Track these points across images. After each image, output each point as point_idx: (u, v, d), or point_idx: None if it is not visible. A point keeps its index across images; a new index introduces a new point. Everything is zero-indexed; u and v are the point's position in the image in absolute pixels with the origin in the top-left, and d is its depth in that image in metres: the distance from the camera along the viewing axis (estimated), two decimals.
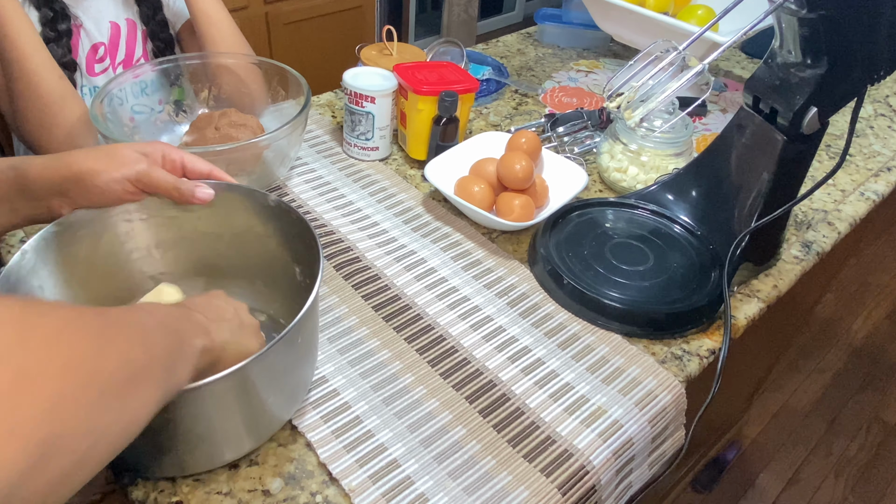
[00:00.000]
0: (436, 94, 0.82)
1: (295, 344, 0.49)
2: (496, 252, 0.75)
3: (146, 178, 0.53)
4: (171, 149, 0.56)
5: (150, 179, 0.53)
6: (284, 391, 0.52)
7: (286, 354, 0.49)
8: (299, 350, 0.51)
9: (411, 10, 2.90)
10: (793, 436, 1.70)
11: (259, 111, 0.89)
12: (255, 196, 0.59)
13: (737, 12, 0.65)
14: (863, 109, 1.12)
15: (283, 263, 0.60)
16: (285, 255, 0.59)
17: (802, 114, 0.62)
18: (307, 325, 0.50)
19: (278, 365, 0.48)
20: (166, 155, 0.55)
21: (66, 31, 0.87)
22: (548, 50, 1.25)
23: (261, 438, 0.53)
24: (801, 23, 0.58)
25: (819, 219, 0.85)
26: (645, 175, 0.83)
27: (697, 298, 0.67)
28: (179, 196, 0.55)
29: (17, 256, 0.49)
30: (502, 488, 0.52)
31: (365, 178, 0.86)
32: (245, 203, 0.59)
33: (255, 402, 0.49)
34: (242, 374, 0.43)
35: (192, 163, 0.57)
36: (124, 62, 0.96)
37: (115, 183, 0.52)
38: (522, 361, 0.63)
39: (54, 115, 0.81)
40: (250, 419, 0.50)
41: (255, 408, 0.49)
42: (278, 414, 0.53)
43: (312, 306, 0.48)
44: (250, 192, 0.59)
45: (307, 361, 0.55)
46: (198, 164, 0.57)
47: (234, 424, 0.49)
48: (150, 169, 0.53)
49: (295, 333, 0.46)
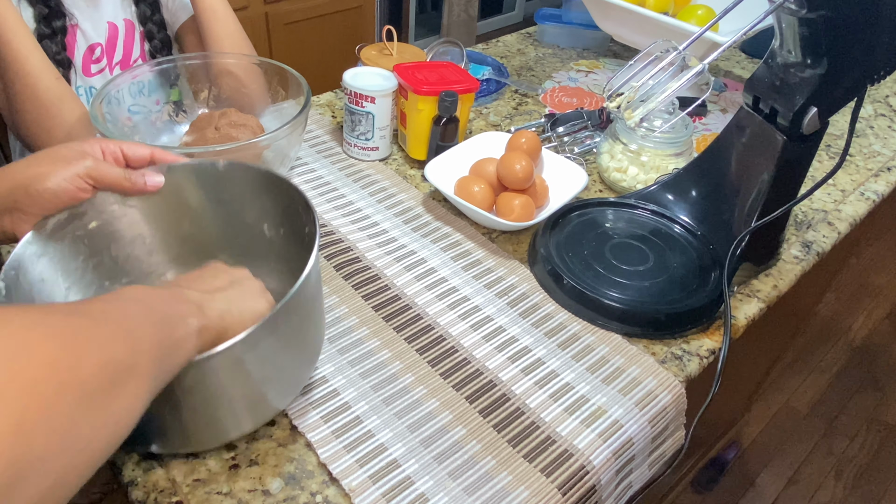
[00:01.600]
0: (436, 94, 0.82)
1: (303, 302, 0.49)
2: (496, 252, 0.75)
3: (95, 172, 0.52)
4: (106, 141, 0.55)
5: (99, 174, 0.52)
6: (300, 354, 0.52)
7: (295, 314, 0.48)
8: (308, 308, 0.51)
9: (411, 10, 2.90)
10: (793, 436, 1.70)
11: (259, 111, 0.89)
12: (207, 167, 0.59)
13: (737, 12, 0.65)
14: (863, 109, 1.12)
15: (255, 223, 0.61)
16: (256, 214, 0.60)
17: (802, 114, 0.62)
18: (311, 278, 0.49)
19: (288, 326, 0.48)
20: (104, 148, 0.54)
21: (60, 28, 0.87)
22: (548, 50, 1.25)
23: (268, 413, 0.53)
24: (801, 23, 0.58)
25: (819, 219, 0.85)
26: (645, 175, 0.83)
27: (697, 298, 0.67)
28: (131, 186, 0.54)
29: (20, 246, 0.50)
30: (502, 488, 0.52)
31: (365, 178, 0.86)
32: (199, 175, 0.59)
33: (270, 367, 0.48)
34: (252, 339, 0.43)
35: (131, 150, 0.56)
36: (121, 63, 0.96)
37: (67, 182, 0.51)
38: (522, 361, 0.63)
39: (52, 116, 0.81)
40: (265, 385, 0.50)
41: (269, 374, 0.49)
42: (293, 379, 0.53)
43: (315, 263, 0.48)
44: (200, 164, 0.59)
45: (316, 324, 0.54)
46: (138, 151, 0.56)
47: (250, 390, 0.48)
48: (96, 164, 0.52)
49: (304, 288, 0.46)
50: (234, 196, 0.60)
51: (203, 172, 0.59)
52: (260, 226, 0.61)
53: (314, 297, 0.53)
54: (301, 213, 0.55)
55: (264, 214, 0.60)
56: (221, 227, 0.62)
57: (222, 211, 0.61)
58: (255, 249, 0.62)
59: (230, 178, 0.60)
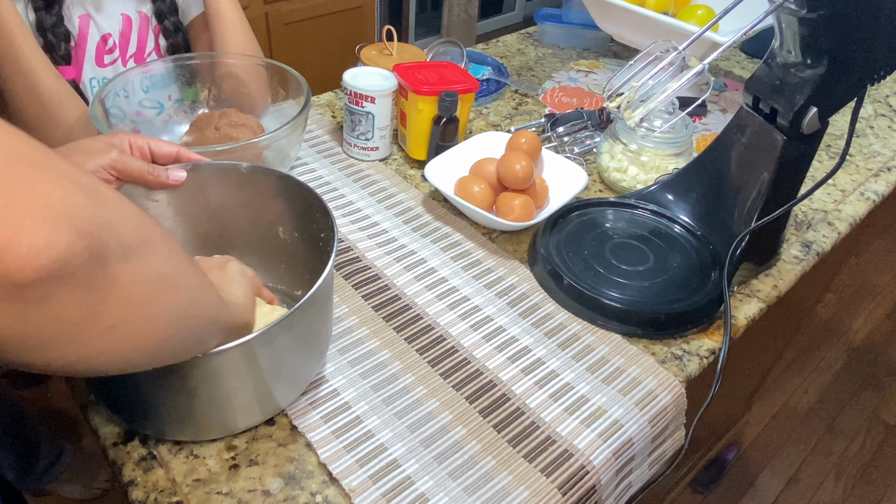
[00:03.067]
0: (436, 94, 0.82)
1: (317, 304, 0.51)
2: (496, 252, 0.75)
3: (120, 164, 0.54)
4: (135, 136, 0.57)
5: (123, 166, 0.54)
6: (310, 351, 0.55)
7: (308, 315, 0.51)
8: (320, 309, 0.53)
9: (411, 10, 2.90)
10: (793, 436, 1.70)
11: (260, 112, 0.89)
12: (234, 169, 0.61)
13: (737, 12, 0.65)
14: (863, 109, 1.12)
15: (271, 226, 0.63)
16: (273, 217, 0.62)
17: (802, 114, 0.62)
18: (326, 282, 0.51)
19: (302, 325, 0.50)
20: (133, 142, 0.56)
21: (57, 13, 0.85)
22: (548, 50, 1.25)
23: (277, 406, 0.55)
24: (801, 23, 0.58)
25: (819, 219, 0.85)
26: (645, 175, 0.83)
27: (697, 298, 0.67)
28: (154, 180, 0.56)
29: None
30: (502, 488, 0.52)
31: (365, 178, 0.86)
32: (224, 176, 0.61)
33: (282, 362, 0.51)
34: (268, 335, 0.46)
35: (158, 147, 0.58)
36: (136, 56, 0.95)
37: (93, 173, 0.52)
38: (522, 361, 0.63)
39: (51, 115, 0.81)
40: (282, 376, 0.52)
41: (281, 368, 0.51)
42: (302, 374, 0.55)
43: (331, 269, 0.50)
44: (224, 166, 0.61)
45: (325, 324, 0.56)
46: (164, 147, 0.58)
47: (261, 383, 0.50)
48: (122, 156, 0.54)
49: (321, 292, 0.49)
50: (252, 198, 0.62)
51: (225, 173, 0.61)
52: (275, 228, 0.63)
53: (326, 299, 0.55)
54: (318, 218, 0.57)
55: (281, 217, 0.62)
56: (238, 227, 0.64)
57: (240, 212, 0.63)
58: (268, 250, 0.64)
59: (251, 180, 0.61)
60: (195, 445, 0.53)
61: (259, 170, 0.60)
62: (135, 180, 0.55)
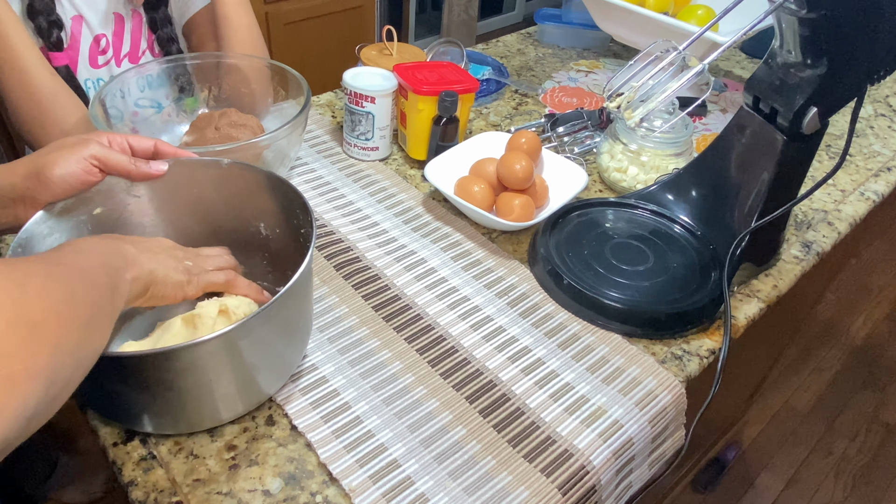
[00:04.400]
0: (436, 94, 0.82)
1: (294, 297, 0.52)
2: (496, 252, 0.75)
3: (103, 156, 0.55)
4: (113, 134, 0.58)
5: (106, 157, 0.55)
6: (289, 343, 0.55)
7: (286, 307, 0.51)
8: (298, 303, 0.54)
9: (411, 10, 2.90)
10: (793, 436, 1.70)
11: (260, 112, 0.89)
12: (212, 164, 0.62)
13: (737, 12, 0.65)
14: (863, 109, 1.12)
15: (252, 221, 0.64)
16: (254, 213, 0.63)
17: (802, 114, 0.62)
18: (304, 277, 0.51)
19: (279, 317, 0.51)
20: (111, 139, 0.57)
21: (51, 12, 0.85)
22: (548, 50, 1.25)
23: (259, 397, 0.55)
24: (801, 23, 0.58)
25: (819, 219, 0.85)
26: (645, 175, 0.83)
27: (697, 298, 0.67)
28: (137, 171, 0.57)
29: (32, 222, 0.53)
30: (502, 488, 0.52)
31: (365, 178, 0.86)
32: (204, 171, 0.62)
33: (262, 353, 0.51)
34: (247, 327, 0.47)
35: (137, 142, 0.59)
36: (129, 55, 0.95)
37: (75, 164, 0.53)
38: (522, 361, 0.63)
39: (46, 112, 0.81)
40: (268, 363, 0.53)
41: (260, 359, 0.52)
42: (283, 364, 0.56)
43: (308, 264, 0.51)
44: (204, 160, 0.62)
45: (305, 317, 0.57)
46: (143, 143, 0.59)
47: (242, 373, 0.51)
48: (103, 149, 0.55)
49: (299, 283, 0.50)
50: (234, 194, 0.62)
51: (206, 169, 0.61)
52: (257, 224, 0.64)
53: (305, 294, 0.55)
54: (298, 214, 0.58)
55: (262, 213, 0.63)
56: (220, 222, 0.64)
57: (221, 207, 0.63)
58: (250, 245, 0.64)
59: (232, 176, 0.62)
60: (195, 445, 0.53)
61: (240, 166, 0.61)
62: (118, 172, 0.57)
